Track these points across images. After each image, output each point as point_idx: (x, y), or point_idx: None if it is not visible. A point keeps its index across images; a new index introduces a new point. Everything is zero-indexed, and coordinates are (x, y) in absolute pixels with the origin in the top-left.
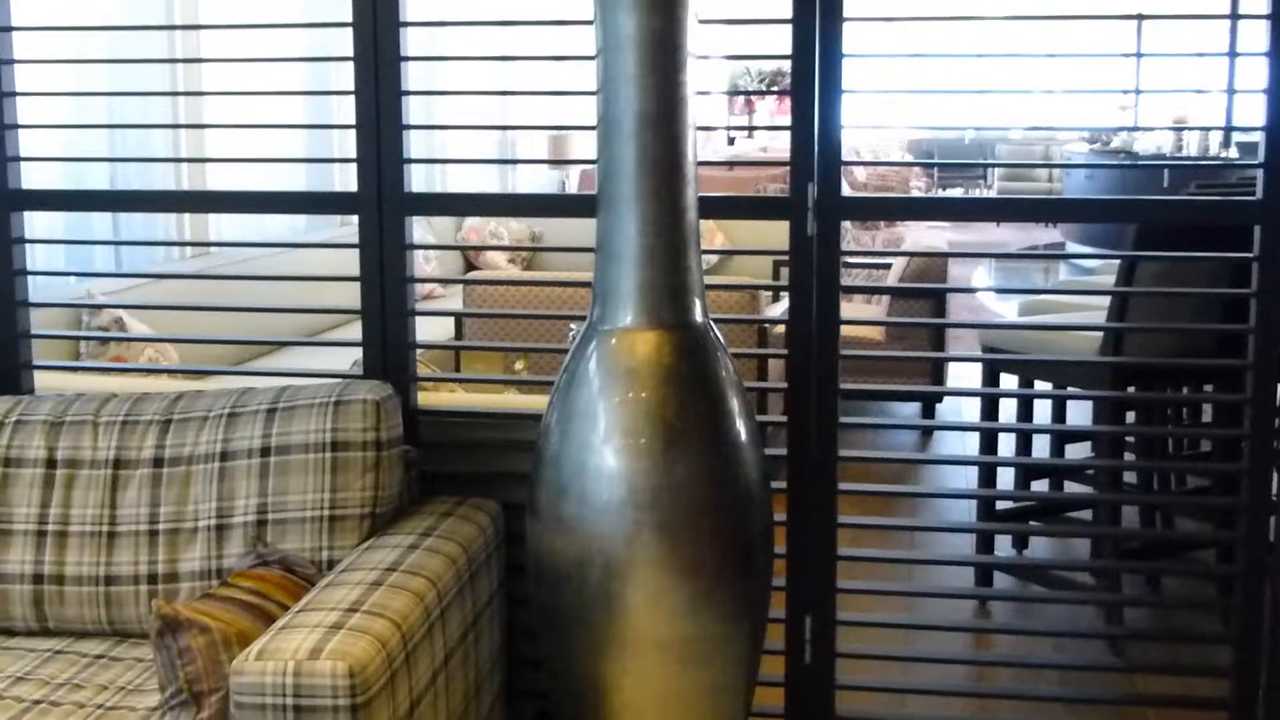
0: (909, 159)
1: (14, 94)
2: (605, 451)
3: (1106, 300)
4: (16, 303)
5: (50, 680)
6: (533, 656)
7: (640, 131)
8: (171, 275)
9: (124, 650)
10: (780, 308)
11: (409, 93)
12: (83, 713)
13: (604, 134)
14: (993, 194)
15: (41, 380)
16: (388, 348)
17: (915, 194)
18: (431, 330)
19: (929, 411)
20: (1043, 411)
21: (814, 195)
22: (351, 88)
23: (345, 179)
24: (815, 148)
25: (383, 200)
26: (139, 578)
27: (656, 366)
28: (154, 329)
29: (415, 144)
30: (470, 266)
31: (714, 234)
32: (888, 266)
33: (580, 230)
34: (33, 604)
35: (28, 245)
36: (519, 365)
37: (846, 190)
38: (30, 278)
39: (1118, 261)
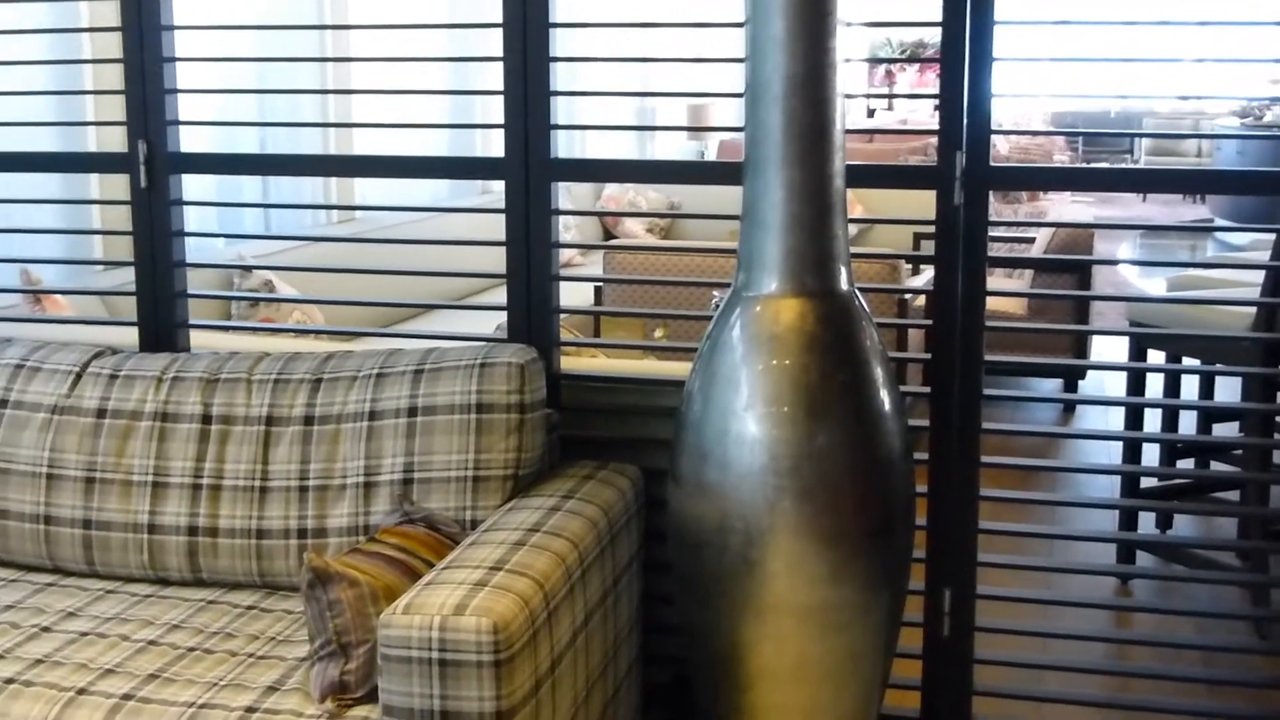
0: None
1: (174, 59)
2: (747, 418)
3: (1258, 276)
4: (174, 263)
5: (203, 629)
6: (669, 622)
7: (787, 96)
8: (324, 239)
9: (273, 602)
10: (919, 281)
11: (557, 59)
12: (234, 661)
13: (751, 99)
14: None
15: (195, 339)
16: (532, 312)
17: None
18: (571, 296)
19: (1069, 387)
20: (1190, 388)
21: (962, 164)
22: (499, 54)
23: (487, 145)
24: (964, 116)
25: (529, 165)
26: (289, 532)
27: (800, 334)
28: (301, 291)
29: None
30: (608, 235)
31: (853, 204)
32: (1030, 241)
33: (719, 200)
34: (187, 555)
35: (184, 207)
36: (659, 333)
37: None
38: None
39: (1269, 237)
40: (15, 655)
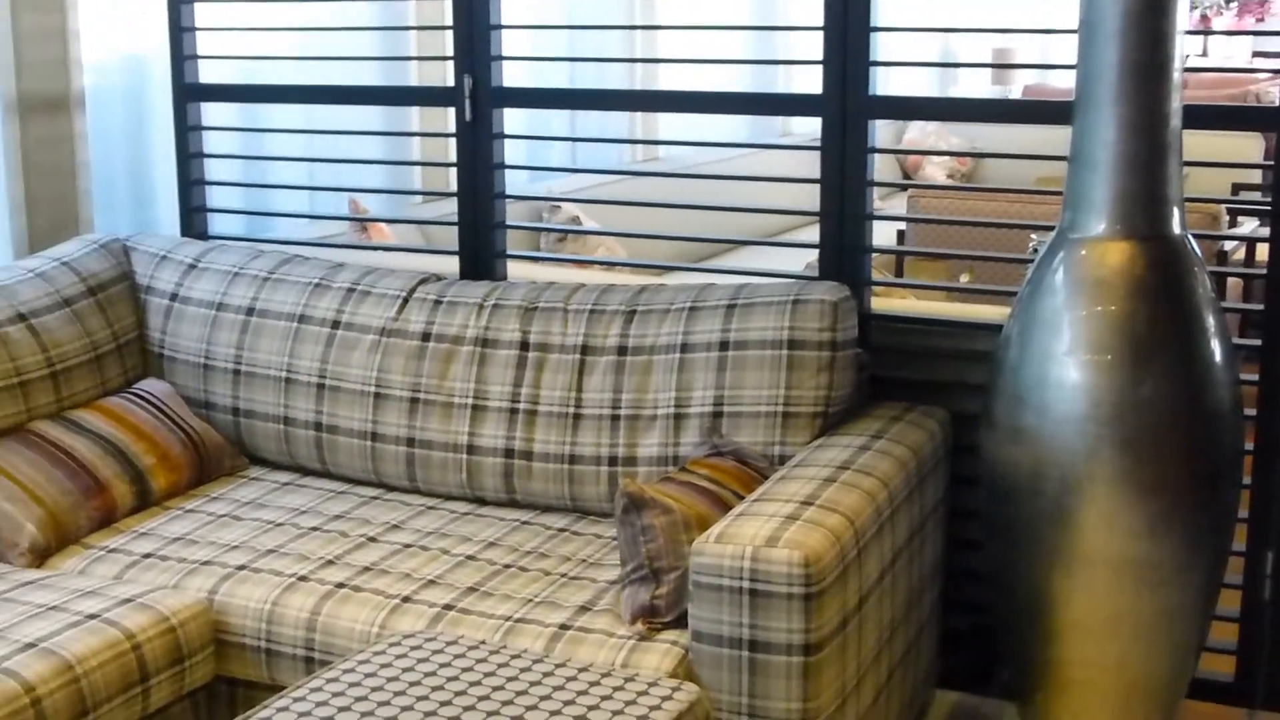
0: None
1: None
2: (1068, 364)
3: None
4: (494, 195)
5: (518, 548)
6: (971, 568)
7: (1124, 32)
8: (642, 173)
9: (584, 526)
10: (1240, 232)
11: None
12: (547, 580)
13: (1085, 36)
14: None
15: (510, 269)
16: (844, 250)
17: None
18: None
19: None
20: None
21: None
22: None
23: (789, 82)
24: None
25: (846, 102)
26: (600, 459)
27: (1128, 278)
28: (605, 228)
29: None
30: (907, 178)
31: None
32: None
33: (1024, 145)
34: (503, 476)
35: (506, 141)
36: (964, 277)
37: None
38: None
39: None
40: (344, 562)
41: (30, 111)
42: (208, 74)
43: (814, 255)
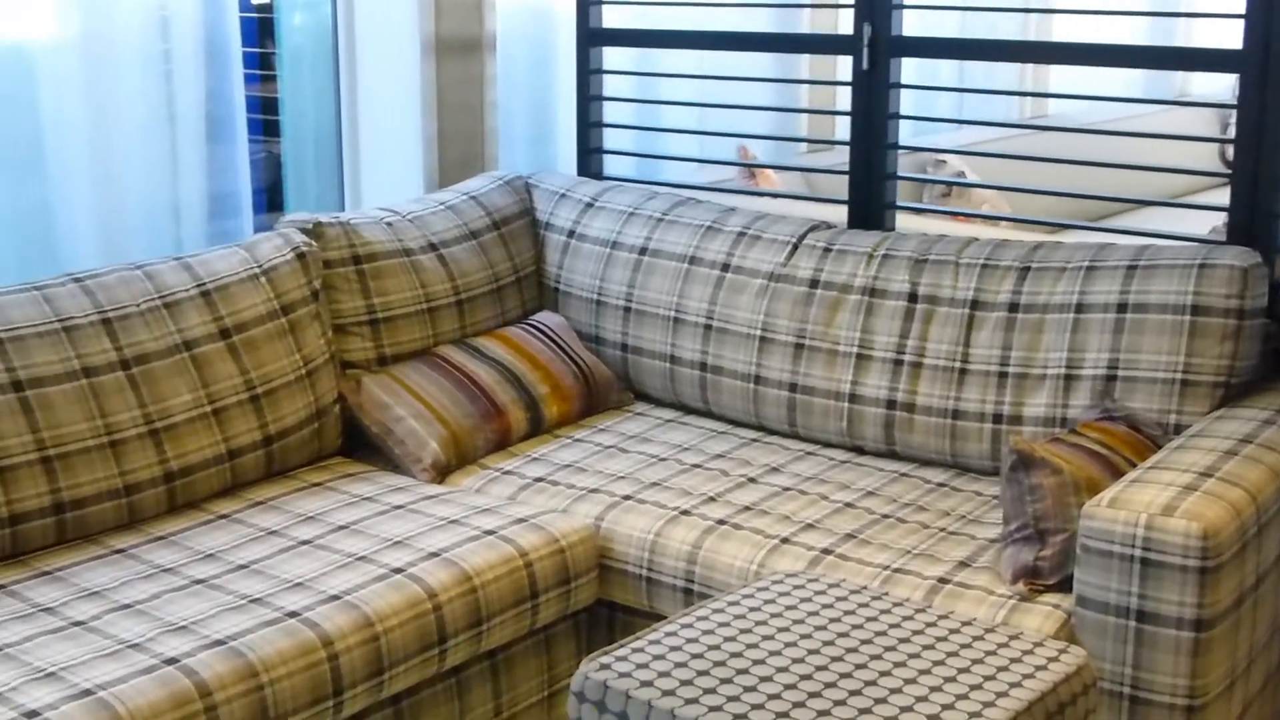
0: None
1: None
2: None
3: None
4: (887, 145)
5: (896, 499)
6: None
7: None
8: (1040, 128)
9: (963, 483)
10: None
11: None
12: (925, 533)
13: None
14: None
15: (898, 221)
16: (1256, 214)
17: None
18: None
19: None
20: None
21: None
22: None
23: (1188, 36)
24: None
25: (1270, 58)
26: (984, 415)
27: None
28: (990, 182)
29: None
30: None
31: None
32: None
33: None
34: (884, 427)
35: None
36: None
37: None
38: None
39: None
40: (725, 500)
41: (446, 52)
42: (608, 19)
43: (1220, 219)
